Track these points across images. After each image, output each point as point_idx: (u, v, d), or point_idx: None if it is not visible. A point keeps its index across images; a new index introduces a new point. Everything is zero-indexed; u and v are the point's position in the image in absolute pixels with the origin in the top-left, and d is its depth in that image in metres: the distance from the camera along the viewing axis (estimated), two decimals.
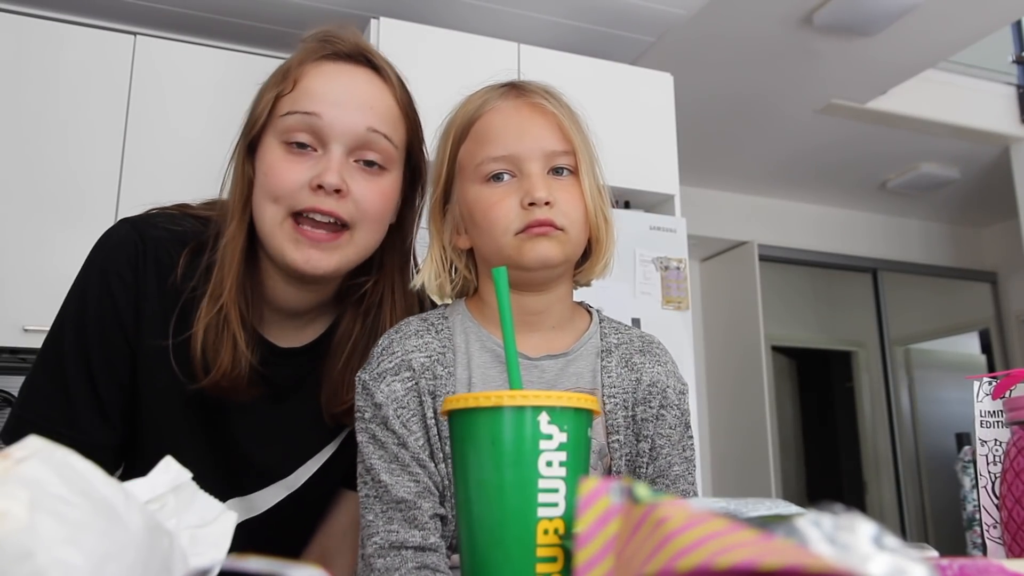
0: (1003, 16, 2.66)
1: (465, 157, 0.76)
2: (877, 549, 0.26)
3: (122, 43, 2.23)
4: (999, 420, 0.60)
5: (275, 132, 0.76)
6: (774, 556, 0.24)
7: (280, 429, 0.83)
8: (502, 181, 0.73)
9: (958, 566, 0.40)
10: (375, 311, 0.83)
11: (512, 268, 0.72)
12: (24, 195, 2.08)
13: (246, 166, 0.77)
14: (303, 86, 0.76)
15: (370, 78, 0.79)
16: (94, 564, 0.29)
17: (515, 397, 0.43)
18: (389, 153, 0.78)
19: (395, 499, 0.69)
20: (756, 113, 3.20)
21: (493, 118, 0.75)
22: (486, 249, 0.75)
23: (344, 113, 0.75)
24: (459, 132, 0.77)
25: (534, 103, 0.76)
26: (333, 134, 0.74)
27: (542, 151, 0.73)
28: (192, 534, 0.37)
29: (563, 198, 0.73)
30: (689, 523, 0.26)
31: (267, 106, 0.76)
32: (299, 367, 0.83)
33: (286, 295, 0.81)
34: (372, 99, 0.77)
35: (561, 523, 0.42)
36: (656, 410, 0.77)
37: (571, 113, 0.77)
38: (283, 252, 0.75)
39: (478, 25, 2.46)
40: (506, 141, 0.73)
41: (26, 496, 0.28)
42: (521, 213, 0.71)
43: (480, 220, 0.73)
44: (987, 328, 4.47)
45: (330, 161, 0.74)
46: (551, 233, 0.71)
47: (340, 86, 0.76)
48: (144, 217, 0.81)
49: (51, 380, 0.76)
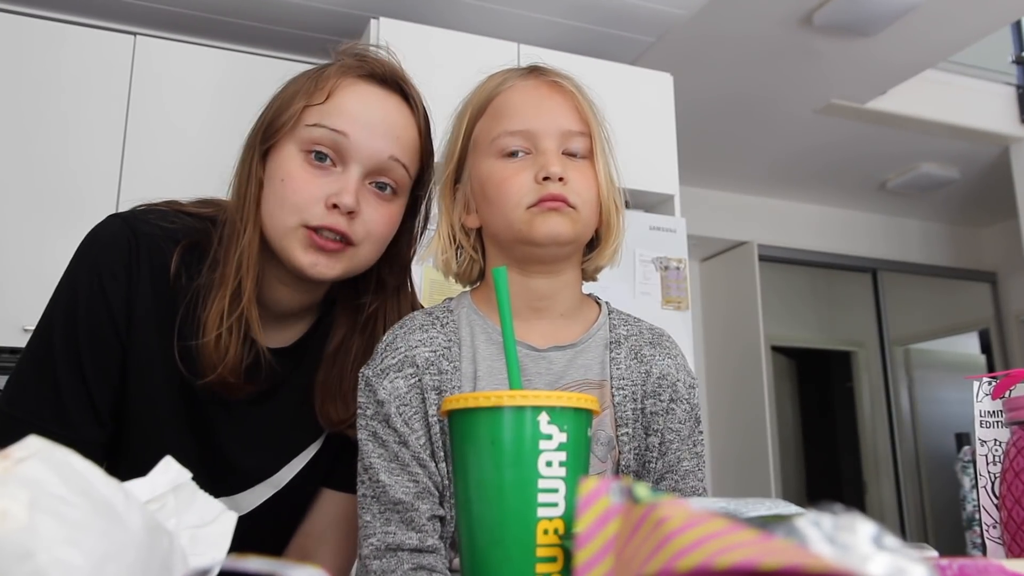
0: (1002, 16, 2.66)
1: (481, 133, 0.76)
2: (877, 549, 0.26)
3: (122, 43, 2.23)
4: (999, 420, 0.60)
5: (297, 140, 0.76)
6: (774, 556, 0.24)
7: (263, 429, 0.83)
8: (517, 157, 0.73)
9: (958, 566, 0.40)
10: (375, 324, 0.84)
11: (522, 244, 0.73)
12: (24, 195, 2.08)
13: (257, 168, 0.77)
14: (335, 101, 0.76)
15: (400, 106, 0.80)
16: (94, 564, 0.29)
17: (515, 397, 0.43)
18: (404, 182, 0.80)
19: (393, 500, 0.69)
20: (756, 113, 3.20)
21: (512, 95, 0.76)
22: (496, 225, 0.74)
23: (371, 138, 0.76)
24: (476, 109, 0.77)
25: (553, 82, 0.76)
26: (357, 156, 0.76)
27: (558, 129, 0.73)
28: (192, 534, 0.37)
29: (576, 178, 0.73)
30: (689, 523, 0.26)
31: (296, 114, 0.76)
32: (282, 366, 0.83)
33: (280, 294, 0.82)
34: (399, 128, 0.78)
35: (561, 523, 0.42)
36: (666, 404, 0.76)
37: (589, 99, 0.78)
38: (292, 254, 0.76)
39: (478, 25, 2.46)
40: (523, 116, 0.74)
41: (26, 496, 0.28)
42: (534, 187, 0.71)
43: (492, 193, 0.73)
44: (987, 328, 4.47)
45: (348, 182, 0.75)
46: (563, 209, 0.71)
47: (372, 110, 0.77)
48: (135, 213, 0.81)
49: (40, 377, 0.76)
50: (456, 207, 0.78)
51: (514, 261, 0.74)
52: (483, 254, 0.79)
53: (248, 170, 0.78)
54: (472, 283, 0.81)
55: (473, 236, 0.79)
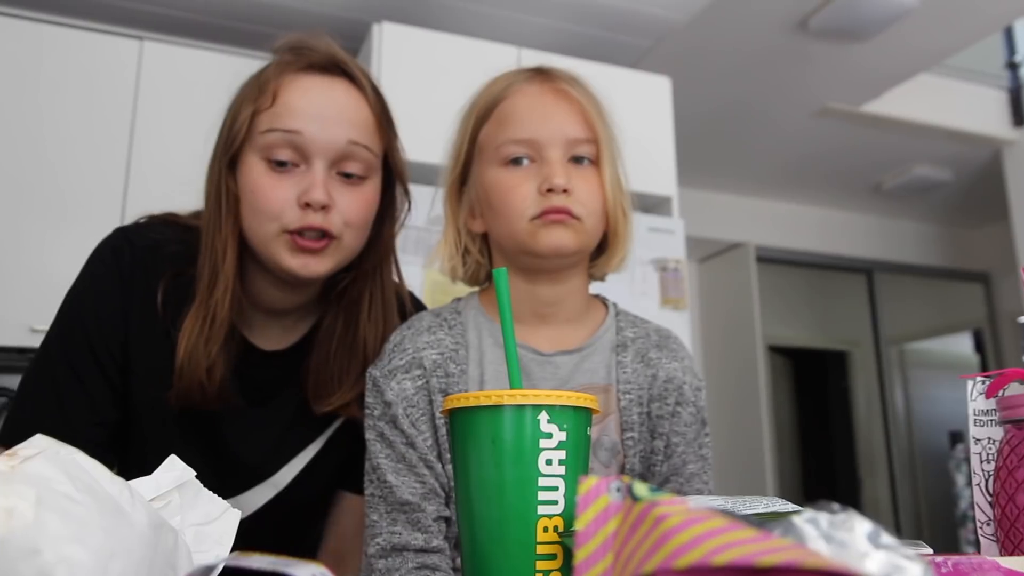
0: (995, 21, 2.67)
1: (485, 138, 0.75)
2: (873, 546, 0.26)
3: (128, 48, 2.23)
4: (992, 419, 0.60)
5: (256, 149, 0.76)
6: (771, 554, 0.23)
7: (263, 429, 0.83)
8: (521, 166, 0.72)
9: (952, 563, 0.39)
10: (355, 306, 0.84)
11: (525, 255, 0.72)
12: (31, 198, 2.08)
13: (228, 182, 0.77)
14: (282, 102, 0.75)
15: (347, 89, 0.78)
16: (100, 561, 0.29)
17: (515, 396, 0.43)
18: (369, 163, 0.78)
19: (400, 501, 0.68)
20: (753, 116, 3.20)
21: (517, 101, 0.74)
22: (500, 234, 0.73)
23: (324, 128, 0.75)
24: (481, 113, 0.76)
25: (559, 88, 0.74)
26: (315, 149, 0.75)
27: (564, 137, 0.72)
28: (196, 531, 0.37)
29: (582, 187, 0.71)
30: (687, 521, 0.26)
31: (245, 122, 0.76)
32: (282, 369, 0.83)
33: (272, 298, 0.82)
34: (350, 111, 0.77)
35: (561, 521, 0.42)
36: (672, 407, 0.74)
37: (596, 103, 0.76)
38: (279, 260, 0.76)
39: (478, 29, 2.46)
40: (528, 124, 0.72)
41: (33, 494, 0.28)
42: (538, 199, 0.70)
43: (496, 204, 0.72)
44: (980, 328, 4.47)
45: (314, 177, 0.74)
46: (567, 221, 0.70)
47: (318, 100, 0.76)
48: (136, 227, 0.82)
49: (42, 377, 0.77)
50: (462, 212, 0.77)
51: (519, 269, 0.74)
52: (490, 257, 0.78)
53: (217, 187, 0.77)
54: (479, 284, 0.81)
55: (479, 240, 0.78)
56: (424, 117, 1.39)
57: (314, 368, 0.82)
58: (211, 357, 0.76)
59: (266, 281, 0.81)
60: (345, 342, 0.82)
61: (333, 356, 0.82)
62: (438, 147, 0.82)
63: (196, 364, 0.75)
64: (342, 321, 0.83)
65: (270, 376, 0.83)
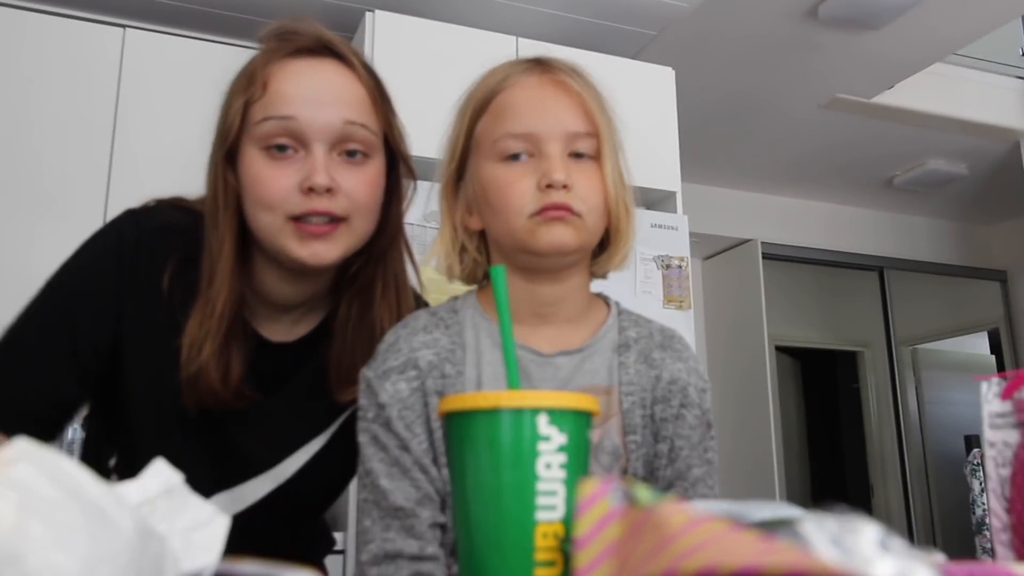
0: (1012, 9, 2.63)
1: (482, 132, 0.74)
2: (882, 552, 0.26)
3: (111, 36, 2.22)
4: (1008, 422, 0.58)
5: (253, 140, 0.76)
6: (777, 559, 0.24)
7: (267, 420, 0.83)
8: (519, 161, 0.71)
9: (966, 571, 0.37)
10: (368, 291, 0.84)
11: (524, 253, 0.71)
12: (11, 190, 2.06)
13: (228, 175, 0.77)
14: (273, 89, 0.76)
15: (338, 69, 0.79)
16: (84, 568, 0.29)
17: (513, 397, 0.43)
18: (369, 141, 0.78)
19: (393, 506, 0.68)
20: (759, 108, 3.18)
21: (514, 93, 0.73)
22: (498, 231, 0.72)
23: (319, 111, 0.75)
24: (478, 106, 0.75)
25: (558, 80, 0.73)
26: (312, 133, 0.75)
27: (563, 131, 0.71)
28: (184, 537, 0.37)
29: (582, 182, 0.70)
30: (690, 525, 0.26)
31: (238, 114, 0.76)
32: (289, 362, 0.84)
33: (281, 290, 0.81)
34: (343, 91, 0.78)
35: (560, 526, 0.42)
36: (676, 409, 0.74)
37: (597, 95, 0.74)
38: (287, 250, 0.75)
39: (475, 18, 2.44)
40: (526, 118, 0.71)
41: (15, 499, 0.28)
42: (537, 195, 0.69)
43: (494, 200, 0.71)
44: (996, 328, 4.44)
45: (315, 161, 0.74)
46: (567, 218, 0.69)
47: (310, 84, 0.77)
48: (145, 210, 0.83)
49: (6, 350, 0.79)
50: (458, 208, 0.76)
51: (518, 267, 0.73)
52: (487, 255, 0.77)
53: (216, 183, 0.78)
54: (477, 283, 0.79)
55: (476, 237, 0.77)
56: (419, 110, 1.37)
57: (335, 357, 0.83)
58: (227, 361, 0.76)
59: (276, 275, 0.81)
60: (362, 328, 0.83)
61: (352, 343, 0.83)
62: (434, 141, 0.81)
63: (207, 370, 0.75)
64: (357, 307, 0.84)
65: (276, 368, 0.83)
